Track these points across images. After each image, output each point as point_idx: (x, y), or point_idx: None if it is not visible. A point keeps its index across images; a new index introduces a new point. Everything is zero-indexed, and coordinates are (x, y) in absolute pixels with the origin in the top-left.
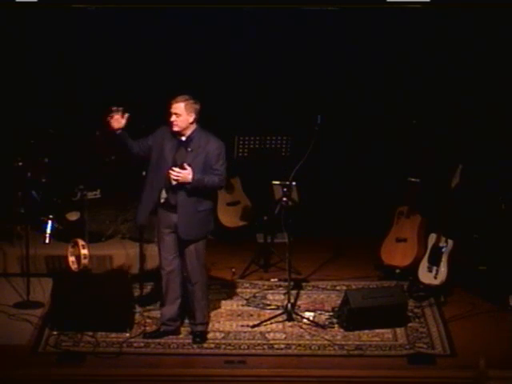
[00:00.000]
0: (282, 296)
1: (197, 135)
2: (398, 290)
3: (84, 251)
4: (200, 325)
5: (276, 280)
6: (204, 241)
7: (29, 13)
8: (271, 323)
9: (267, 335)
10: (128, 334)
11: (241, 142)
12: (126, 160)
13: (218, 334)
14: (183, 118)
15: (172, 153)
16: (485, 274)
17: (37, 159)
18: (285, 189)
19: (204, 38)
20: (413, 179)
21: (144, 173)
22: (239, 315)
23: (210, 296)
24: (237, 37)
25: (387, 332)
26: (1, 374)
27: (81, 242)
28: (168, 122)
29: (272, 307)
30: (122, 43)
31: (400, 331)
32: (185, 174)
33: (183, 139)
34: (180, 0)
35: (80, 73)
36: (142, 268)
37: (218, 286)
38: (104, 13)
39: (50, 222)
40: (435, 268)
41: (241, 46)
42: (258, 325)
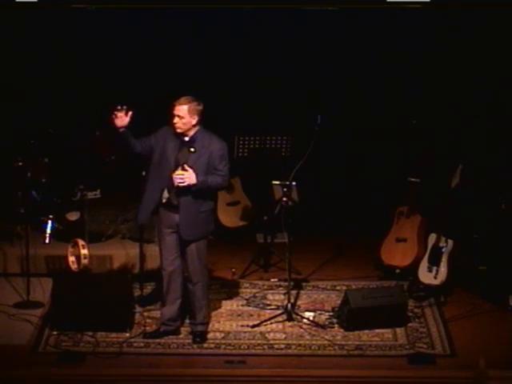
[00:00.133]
0: (282, 296)
1: (200, 136)
2: (398, 290)
3: (84, 251)
4: (200, 325)
5: (276, 280)
6: (205, 241)
7: (29, 13)
8: (271, 323)
9: (267, 335)
10: (128, 334)
11: (241, 142)
12: (126, 160)
13: (218, 334)
14: (186, 121)
15: (174, 153)
16: (485, 274)
17: (37, 159)
18: (285, 189)
19: (204, 38)
20: (413, 179)
21: (144, 173)
22: (239, 315)
23: (210, 296)
24: (237, 37)
25: (387, 332)
26: (1, 374)
27: (81, 242)
28: (171, 123)
29: (272, 307)
30: (122, 43)
31: (400, 331)
32: (189, 177)
33: (186, 139)
34: (180, 0)
35: (80, 73)
36: (142, 268)
37: (218, 286)
38: (104, 13)
39: (50, 222)
40: (435, 268)
41: (241, 46)
42: (258, 325)
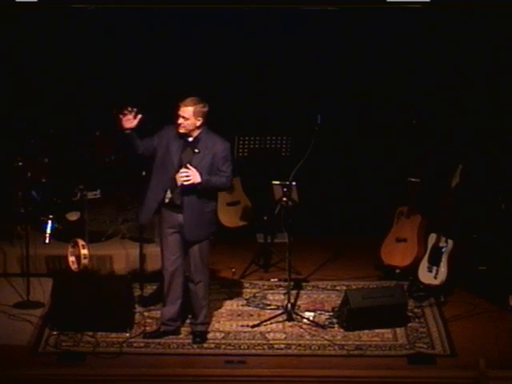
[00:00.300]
0: (282, 296)
1: (204, 136)
2: (398, 290)
3: (84, 251)
4: (200, 325)
5: (276, 280)
6: (208, 241)
7: (29, 13)
8: (271, 323)
9: (267, 335)
10: (128, 334)
11: (241, 142)
12: (126, 160)
13: (218, 334)
14: (190, 122)
15: (178, 153)
16: (485, 274)
17: (37, 159)
18: (285, 189)
19: (204, 38)
20: (413, 179)
21: (144, 173)
22: (239, 315)
23: (210, 296)
24: (237, 37)
25: (387, 332)
26: (1, 374)
27: (81, 242)
28: (175, 123)
29: (272, 307)
30: (122, 43)
31: (400, 331)
32: (194, 175)
33: (190, 140)
34: (180, 0)
35: (80, 73)
36: (142, 268)
37: (218, 286)
38: (104, 13)
39: (50, 222)
40: (435, 268)
41: (241, 46)
42: (258, 325)
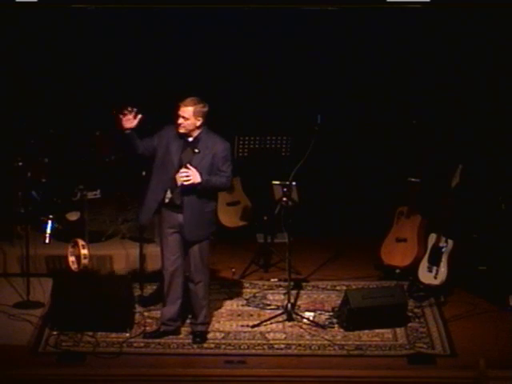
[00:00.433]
0: (282, 296)
1: (204, 136)
2: (398, 290)
3: (84, 251)
4: (200, 325)
5: (276, 280)
6: (208, 241)
7: (29, 13)
8: (271, 323)
9: (267, 335)
10: (128, 334)
11: (241, 142)
12: (126, 160)
13: (218, 334)
14: (191, 122)
15: (178, 153)
16: (485, 274)
17: (37, 159)
18: (285, 189)
19: (204, 38)
20: (413, 179)
21: (144, 173)
22: (239, 315)
23: (210, 296)
24: (237, 37)
25: (387, 332)
26: (1, 374)
27: (81, 242)
28: (175, 123)
29: (272, 307)
30: (122, 43)
31: (400, 331)
32: (194, 175)
33: (190, 140)
34: (180, 0)
35: (80, 73)
36: (142, 268)
37: (218, 286)
38: (104, 13)
39: (50, 222)
40: (435, 268)
41: (241, 46)
42: (258, 325)
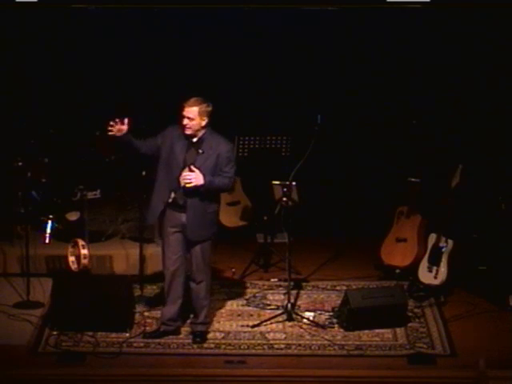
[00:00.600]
0: (282, 296)
1: (208, 137)
2: (398, 290)
3: (84, 251)
4: (201, 324)
5: (276, 280)
6: (210, 241)
7: (29, 13)
8: (271, 323)
9: (267, 335)
10: (128, 334)
11: (241, 142)
12: (126, 160)
13: (218, 334)
14: (196, 122)
15: (183, 153)
16: (485, 274)
17: (37, 159)
18: (285, 189)
19: (204, 38)
20: (413, 179)
21: (144, 173)
22: (239, 315)
23: (210, 296)
24: (237, 37)
25: (387, 332)
26: (1, 374)
27: (81, 242)
28: (180, 125)
29: (272, 307)
30: (122, 43)
31: (400, 331)
32: (196, 178)
33: (194, 140)
34: (180, 0)
35: (80, 73)
36: (142, 268)
37: (218, 286)
38: (104, 13)
39: (50, 222)
40: (435, 268)
41: (241, 46)
42: (258, 325)
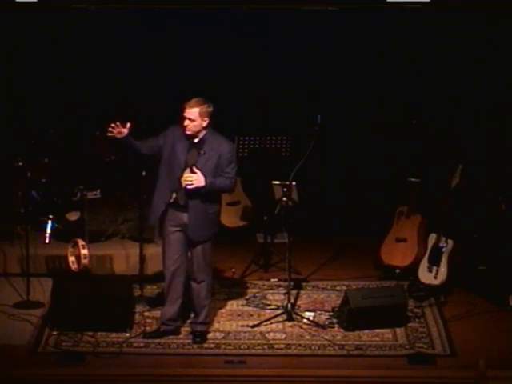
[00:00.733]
0: (282, 296)
1: (209, 138)
2: (398, 290)
3: (84, 251)
4: (201, 324)
5: (276, 280)
6: (211, 242)
7: (29, 13)
8: (271, 323)
9: (267, 335)
10: (128, 334)
11: (241, 142)
12: (126, 160)
13: (218, 334)
14: (197, 123)
15: (184, 154)
16: (485, 274)
17: (37, 159)
18: (285, 189)
19: (204, 38)
20: (413, 179)
21: (144, 173)
22: (239, 315)
23: (211, 296)
24: (237, 37)
25: (387, 332)
26: (1, 374)
27: (81, 242)
28: (181, 125)
29: (272, 307)
30: (122, 43)
31: (400, 331)
32: (198, 179)
33: (195, 141)
34: (180, 0)
35: (80, 73)
36: (142, 268)
37: (218, 286)
38: (104, 13)
39: (50, 222)
40: (435, 268)
41: (241, 46)
42: (258, 325)
